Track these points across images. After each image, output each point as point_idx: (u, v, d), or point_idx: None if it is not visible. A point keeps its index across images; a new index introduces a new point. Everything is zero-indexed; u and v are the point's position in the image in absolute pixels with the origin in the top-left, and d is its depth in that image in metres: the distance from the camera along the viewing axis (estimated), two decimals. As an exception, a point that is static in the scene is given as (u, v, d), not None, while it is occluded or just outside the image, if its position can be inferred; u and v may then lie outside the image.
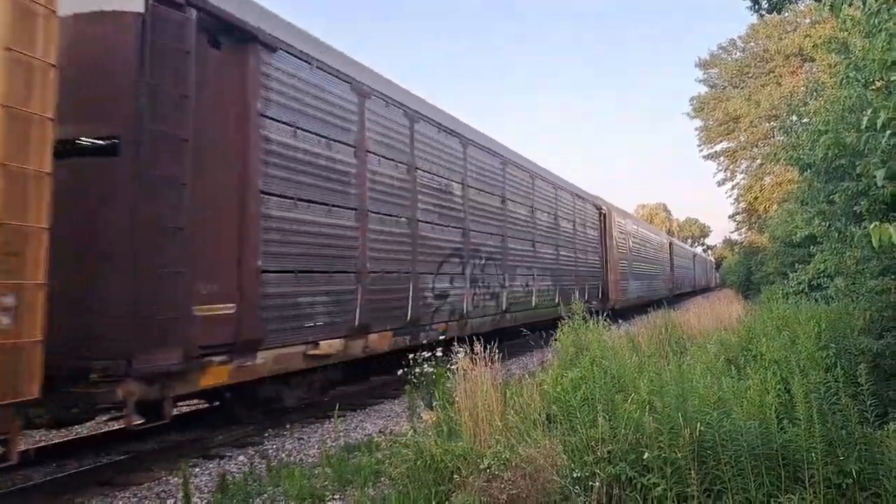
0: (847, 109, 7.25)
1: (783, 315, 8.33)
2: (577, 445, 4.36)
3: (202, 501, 5.57)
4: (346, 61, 9.05)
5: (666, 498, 3.69)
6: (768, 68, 30.85)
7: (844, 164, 7.25)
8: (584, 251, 21.38)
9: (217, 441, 7.60)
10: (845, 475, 3.54)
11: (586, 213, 22.17)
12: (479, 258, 12.78)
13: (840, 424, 3.87)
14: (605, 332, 8.90)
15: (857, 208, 7.17)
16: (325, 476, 5.82)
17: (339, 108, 8.64)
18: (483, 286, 12.86)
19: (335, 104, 8.55)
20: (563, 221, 19.15)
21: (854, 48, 7.47)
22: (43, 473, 6.38)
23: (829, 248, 8.68)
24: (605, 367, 5.72)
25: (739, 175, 34.49)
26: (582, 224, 21.34)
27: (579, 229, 20.91)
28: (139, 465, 6.57)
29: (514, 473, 4.08)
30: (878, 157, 4.83)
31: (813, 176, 9.94)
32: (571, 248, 19.81)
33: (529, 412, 5.13)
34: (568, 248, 19.43)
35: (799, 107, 14.79)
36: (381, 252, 9.32)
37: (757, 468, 3.68)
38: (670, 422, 3.97)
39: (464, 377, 5.63)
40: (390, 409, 9.48)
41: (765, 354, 6.12)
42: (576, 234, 20.44)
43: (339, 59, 8.88)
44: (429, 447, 4.74)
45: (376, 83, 9.70)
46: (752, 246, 33.61)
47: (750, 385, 4.47)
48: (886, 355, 6.00)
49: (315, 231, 7.92)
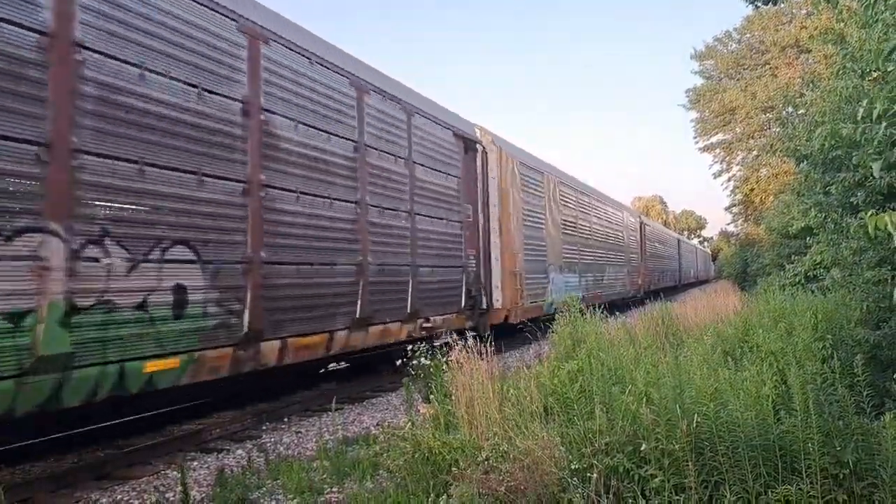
0: (843, 100, 7.26)
1: (780, 307, 8.35)
2: (574, 437, 4.36)
3: (201, 495, 5.57)
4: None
5: (663, 489, 3.70)
6: (764, 60, 30.79)
7: (841, 155, 7.26)
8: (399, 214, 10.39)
9: (215, 435, 7.61)
10: (842, 465, 3.55)
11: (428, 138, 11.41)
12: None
13: (837, 415, 3.88)
14: (603, 324, 8.91)
15: (853, 199, 7.19)
16: (323, 469, 5.83)
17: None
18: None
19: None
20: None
21: (850, 39, 7.47)
22: (41, 467, 6.38)
23: (826, 239, 8.71)
24: (602, 360, 5.72)
25: (735, 167, 34.48)
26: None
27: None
28: (138, 459, 6.57)
29: (512, 465, 4.09)
30: (874, 148, 4.83)
31: (809, 167, 9.95)
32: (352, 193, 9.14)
33: (527, 405, 5.13)
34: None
35: (795, 98, 14.80)
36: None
37: (754, 459, 3.69)
38: (667, 414, 3.98)
39: (460, 370, 5.63)
40: (388, 402, 9.49)
41: (761, 346, 6.13)
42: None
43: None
44: (426, 440, 4.75)
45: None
46: (748, 238, 33.67)
47: (747, 376, 4.48)
48: (883, 346, 6.02)
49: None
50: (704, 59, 34.58)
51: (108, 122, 5.58)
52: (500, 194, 14.30)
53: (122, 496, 5.67)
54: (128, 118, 5.76)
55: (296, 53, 8.07)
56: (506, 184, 14.70)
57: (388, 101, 10.18)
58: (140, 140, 5.85)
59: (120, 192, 5.65)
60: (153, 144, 5.98)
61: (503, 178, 14.55)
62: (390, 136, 10.16)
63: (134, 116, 5.81)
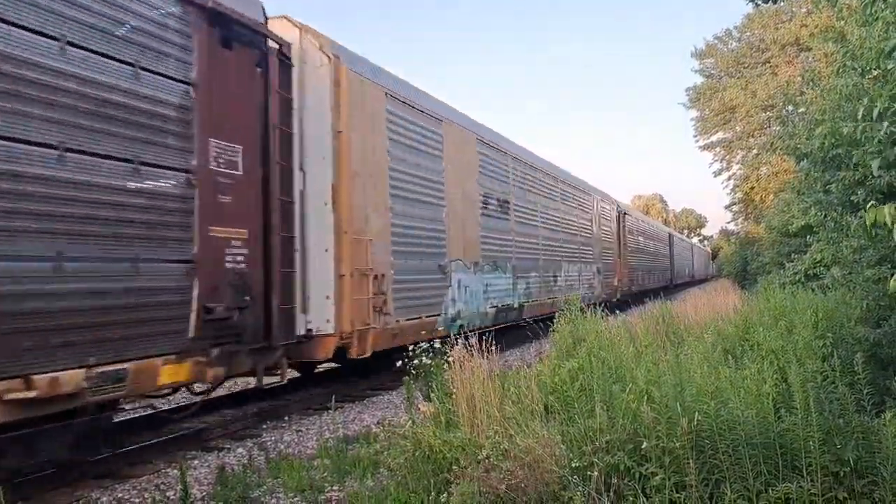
0: (844, 98, 7.26)
1: (780, 305, 8.35)
2: (575, 436, 4.37)
3: (201, 493, 5.58)
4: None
5: (664, 487, 3.70)
6: (764, 58, 30.80)
7: (841, 153, 7.26)
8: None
9: (216, 433, 7.62)
10: (842, 463, 3.55)
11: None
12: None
13: (837, 413, 3.88)
14: (603, 322, 8.93)
15: (853, 198, 7.20)
16: (323, 468, 5.84)
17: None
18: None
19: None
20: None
21: (850, 37, 7.47)
22: (42, 466, 6.38)
23: (826, 237, 8.72)
24: (603, 358, 5.73)
25: (736, 165, 34.49)
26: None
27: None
28: (139, 458, 6.58)
29: (513, 463, 4.09)
30: (874, 147, 4.83)
31: (809, 165, 9.95)
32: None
33: (527, 403, 5.14)
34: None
35: (795, 96, 14.80)
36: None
37: (754, 457, 3.69)
38: (668, 412, 3.98)
39: (461, 368, 5.64)
40: (388, 400, 9.50)
41: (762, 344, 6.14)
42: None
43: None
44: (427, 438, 4.76)
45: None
46: (748, 236, 33.68)
47: (747, 375, 4.49)
48: (883, 344, 6.03)
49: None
50: (705, 57, 34.59)
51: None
52: (332, 140, 8.63)
53: (123, 494, 5.67)
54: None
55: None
56: (348, 124, 8.86)
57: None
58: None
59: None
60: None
61: (342, 113, 8.78)
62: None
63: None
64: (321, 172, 8.59)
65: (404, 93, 10.94)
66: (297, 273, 8.10)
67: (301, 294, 8.16)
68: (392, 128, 10.27)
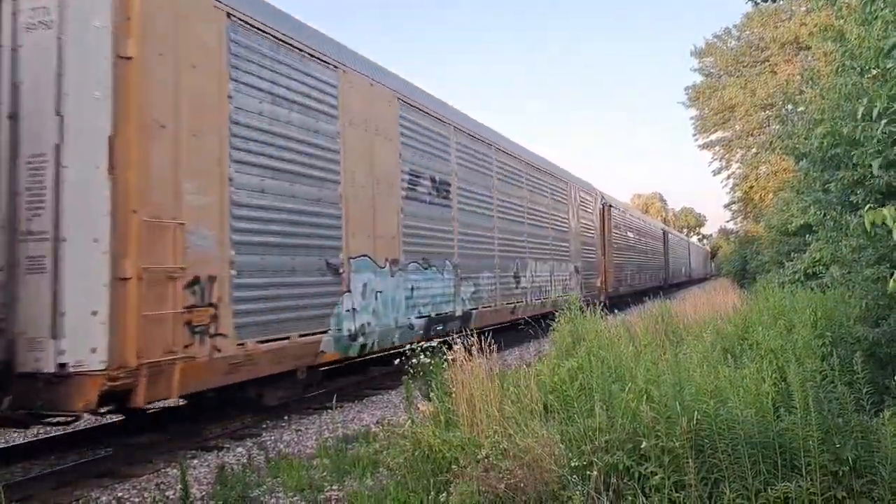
0: (843, 98, 7.26)
1: (779, 304, 8.36)
2: (574, 435, 4.37)
3: (201, 493, 5.58)
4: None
5: (663, 486, 3.71)
6: (764, 57, 30.78)
7: (840, 153, 7.27)
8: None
9: (215, 433, 7.62)
10: (841, 463, 3.56)
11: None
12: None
13: (836, 413, 3.89)
14: (602, 322, 8.94)
15: (852, 197, 7.21)
16: (323, 467, 5.85)
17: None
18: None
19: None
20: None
21: (850, 36, 7.47)
22: (42, 466, 6.38)
23: (825, 236, 8.72)
24: (602, 357, 5.73)
25: (735, 164, 34.48)
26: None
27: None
28: (139, 457, 6.58)
29: (512, 463, 4.10)
30: (874, 147, 4.84)
31: (808, 165, 9.96)
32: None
33: (527, 403, 5.15)
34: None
35: (794, 95, 14.79)
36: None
37: (754, 456, 3.70)
38: (667, 411, 3.99)
39: (460, 368, 5.64)
40: (388, 400, 9.50)
41: (761, 343, 6.14)
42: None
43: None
44: (427, 437, 4.76)
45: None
46: (747, 235, 33.69)
47: (746, 374, 4.49)
48: (882, 343, 6.03)
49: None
50: (704, 56, 34.58)
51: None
52: (111, 69, 5.62)
53: (123, 494, 5.67)
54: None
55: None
56: (143, 47, 5.84)
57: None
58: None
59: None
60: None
61: (133, 29, 5.75)
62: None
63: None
64: (91, 119, 5.64)
65: (266, 19, 7.53)
66: (47, 275, 5.50)
67: (51, 308, 5.45)
68: (240, 65, 7.06)
